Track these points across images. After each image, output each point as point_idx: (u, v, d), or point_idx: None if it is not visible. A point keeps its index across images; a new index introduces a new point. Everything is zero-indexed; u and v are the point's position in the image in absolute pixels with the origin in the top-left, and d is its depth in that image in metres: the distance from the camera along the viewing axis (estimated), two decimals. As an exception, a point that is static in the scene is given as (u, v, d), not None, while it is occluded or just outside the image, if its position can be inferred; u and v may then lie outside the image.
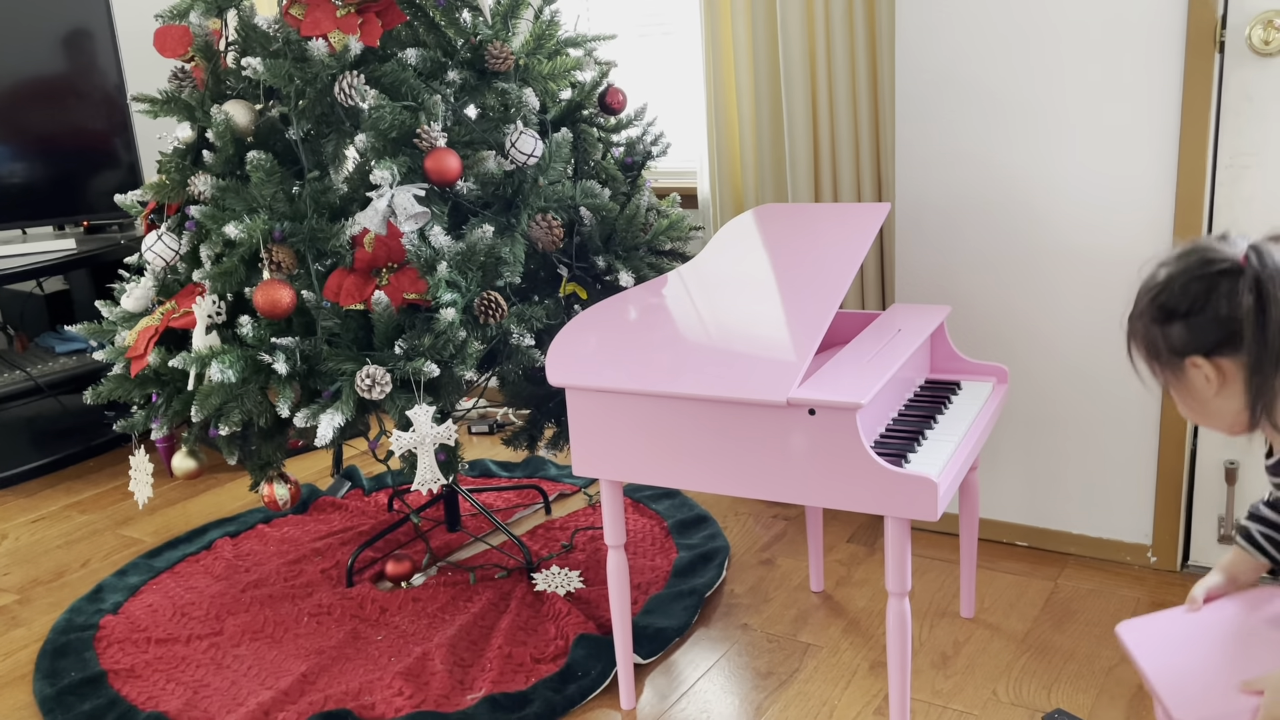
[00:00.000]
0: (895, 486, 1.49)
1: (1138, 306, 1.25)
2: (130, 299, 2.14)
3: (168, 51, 2.06)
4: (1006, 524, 2.42)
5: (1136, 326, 1.25)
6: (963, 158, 2.26)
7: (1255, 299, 1.13)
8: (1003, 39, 2.16)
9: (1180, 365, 1.21)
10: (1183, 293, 1.19)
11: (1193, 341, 1.19)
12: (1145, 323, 1.23)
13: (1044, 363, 2.28)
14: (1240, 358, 1.17)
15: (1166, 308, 1.21)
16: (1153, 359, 1.25)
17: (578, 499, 2.80)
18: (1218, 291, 1.16)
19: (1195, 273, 1.18)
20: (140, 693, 2.01)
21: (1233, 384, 1.19)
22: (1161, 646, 1.31)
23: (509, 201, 2.04)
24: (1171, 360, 1.22)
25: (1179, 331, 1.20)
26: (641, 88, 3.05)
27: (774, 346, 1.66)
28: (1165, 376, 1.24)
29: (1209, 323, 1.17)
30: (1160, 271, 1.23)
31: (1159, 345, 1.22)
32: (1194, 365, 1.20)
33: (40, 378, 3.39)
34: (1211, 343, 1.17)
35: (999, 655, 2.01)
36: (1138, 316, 1.25)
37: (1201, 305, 1.17)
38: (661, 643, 2.07)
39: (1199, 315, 1.17)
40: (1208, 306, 1.17)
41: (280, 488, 2.14)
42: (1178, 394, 1.25)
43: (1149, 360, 1.25)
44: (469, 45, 2.05)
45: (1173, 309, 1.20)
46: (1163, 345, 1.22)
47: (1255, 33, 1.91)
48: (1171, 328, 1.20)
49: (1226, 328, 1.16)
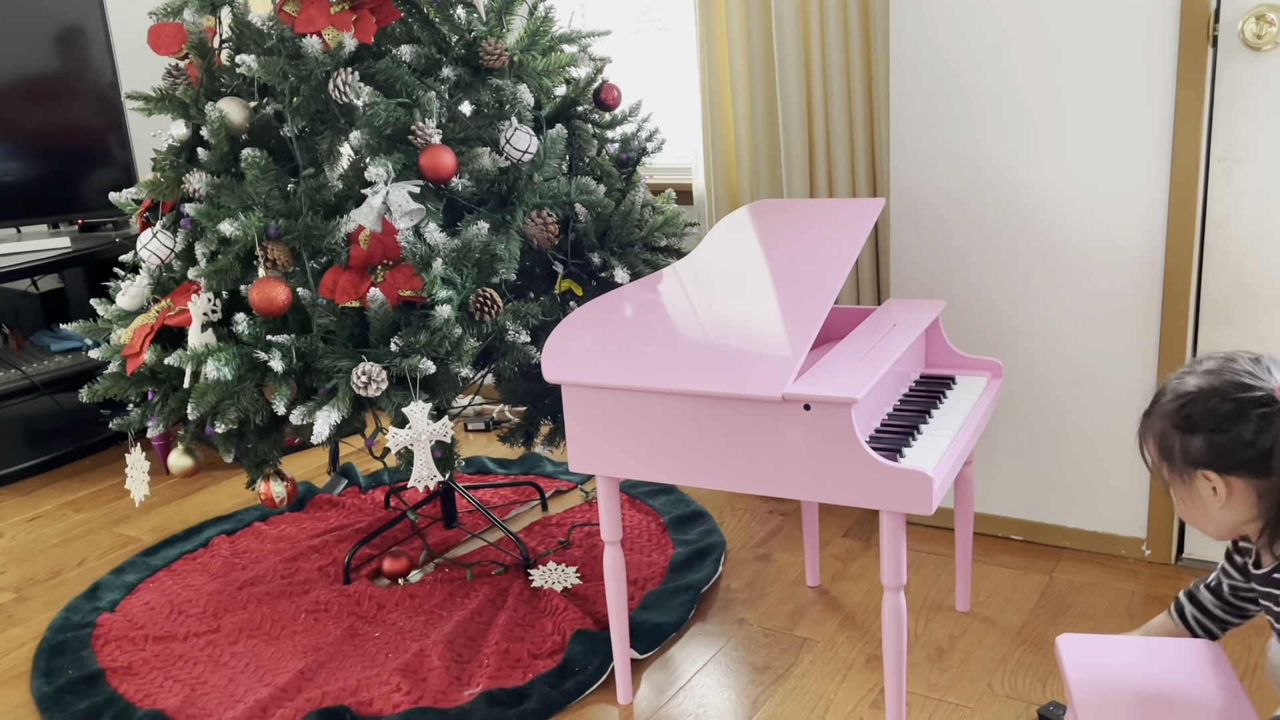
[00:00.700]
0: (890, 481, 1.50)
1: (1159, 406, 1.28)
2: (126, 297, 2.14)
3: (162, 49, 2.06)
4: (1001, 518, 2.43)
5: (1155, 426, 1.28)
6: (957, 153, 2.26)
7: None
8: (996, 34, 2.16)
9: (1191, 474, 1.25)
10: (1210, 411, 1.22)
11: (1210, 457, 1.22)
12: (1165, 425, 1.26)
13: (1038, 357, 2.28)
14: (1254, 481, 1.21)
15: (1191, 420, 1.23)
16: (1164, 460, 1.28)
17: (574, 495, 2.81)
18: (1246, 418, 1.19)
19: (1227, 394, 1.21)
20: (138, 690, 2.01)
21: (1239, 501, 1.23)
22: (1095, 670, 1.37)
23: (504, 198, 2.05)
24: (1184, 468, 1.25)
25: (1199, 445, 1.23)
26: (636, 84, 3.06)
27: (769, 342, 1.66)
28: (1172, 478, 1.28)
29: (1231, 444, 1.20)
30: (1189, 380, 1.26)
31: (1174, 450, 1.25)
32: (1205, 478, 1.24)
33: (35, 376, 3.39)
34: (1228, 463, 1.21)
35: (994, 649, 2.02)
36: (1159, 417, 1.28)
37: (1227, 427, 1.20)
38: (658, 638, 2.08)
39: (1222, 435, 1.21)
40: (1233, 429, 1.20)
41: (277, 485, 2.14)
42: (1179, 496, 1.29)
43: (1160, 459, 1.29)
44: (463, 42, 2.05)
45: (1197, 423, 1.23)
46: (1178, 452, 1.25)
47: (1248, 27, 1.91)
48: (1192, 439, 1.23)
49: (1247, 453, 1.19)
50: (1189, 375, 1.26)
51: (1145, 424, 1.31)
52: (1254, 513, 1.24)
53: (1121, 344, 2.19)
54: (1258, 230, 2.01)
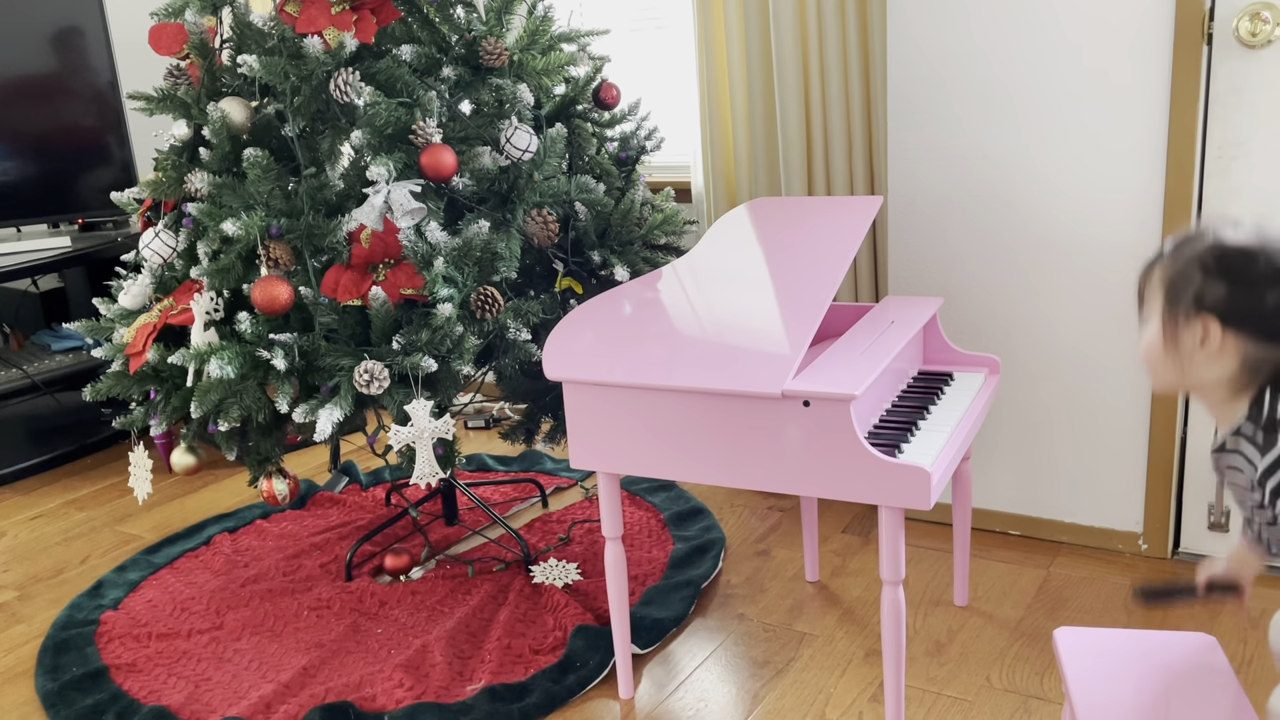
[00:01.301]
0: (889, 476, 1.51)
1: (1192, 247, 1.24)
2: (128, 296, 2.15)
3: (163, 49, 2.07)
4: (999, 513, 2.44)
5: (1176, 262, 1.24)
6: (954, 151, 2.27)
7: None
8: (993, 33, 2.17)
9: (1192, 316, 1.21)
10: (1248, 266, 1.19)
11: (1224, 307, 1.19)
12: (1190, 264, 1.22)
13: (1035, 353, 2.30)
14: (1249, 345, 1.19)
15: (1225, 267, 1.20)
16: (1169, 293, 1.24)
17: (574, 492, 2.82)
18: (1274, 287, 1.18)
19: (1270, 260, 1.19)
20: (142, 687, 2.03)
21: (1222, 359, 1.21)
22: (1092, 664, 1.37)
23: (504, 197, 2.06)
24: (1189, 307, 1.22)
25: (1219, 291, 1.20)
26: (635, 82, 3.07)
27: (769, 339, 1.67)
28: (1164, 314, 1.25)
29: (1251, 304, 1.19)
30: (1233, 233, 1.22)
31: (1188, 287, 1.22)
32: (1204, 324, 1.20)
33: (36, 375, 3.40)
34: (1237, 319, 1.19)
35: (992, 643, 2.03)
36: (1188, 256, 1.23)
37: (1256, 288, 1.18)
38: (659, 633, 2.09)
39: (1246, 292, 1.19)
40: (1259, 291, 1.18)
41: (279, 483, 2.15)
42: (1163, 333, 1.25)
43: (1165, 291, 1.25)
44: (463, 41, 2.06)
45: (1228, 272, 1.20)
46: (1192, 290, 1.21)
47: (1242, 25, 1.93)
48: (1215, 284, 1.20)
49: (1261, 318, 1.18)
50: (1232, 229, 1.23)
51: (1162, 260, 1.27)
52: (1226, 375, 1.22)
53: (1118, 339, 2.20)
54: (1253, 226, 2.03)
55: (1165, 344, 1.25)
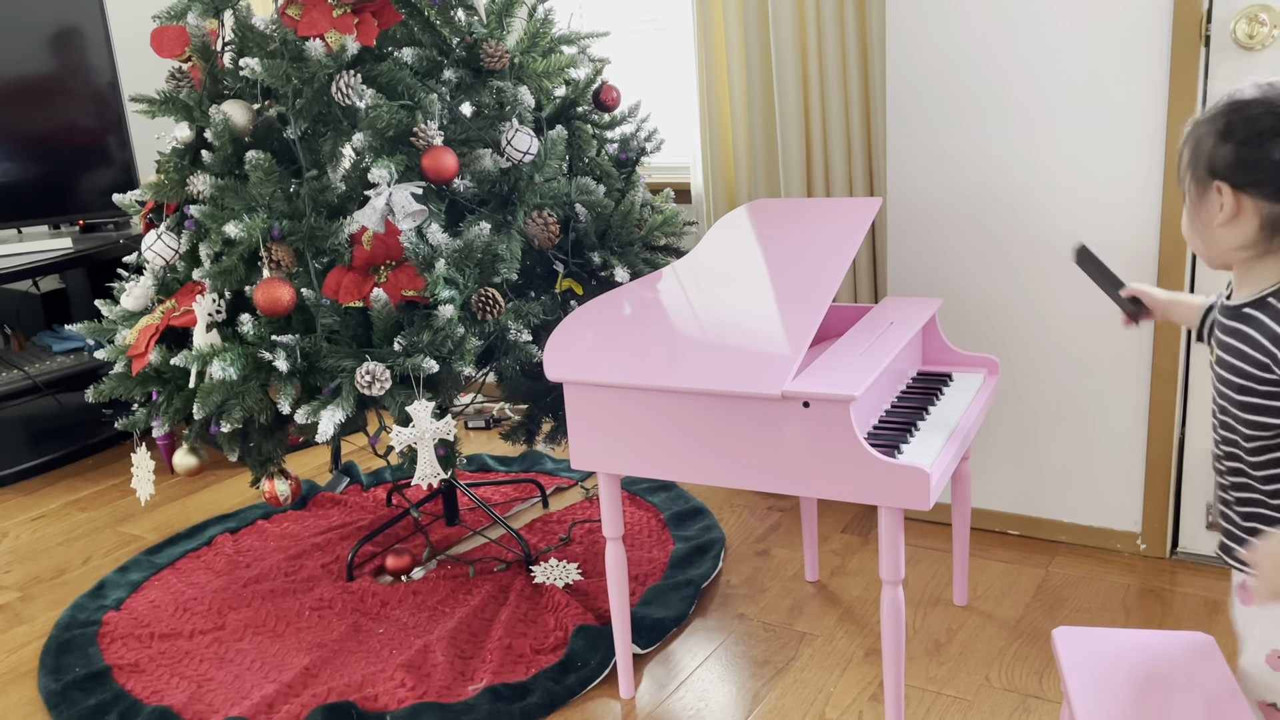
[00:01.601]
0: (888, 477, 1.52)
1: (1211, 113, 1.23)
2: (130, 298, 2.15)
3: (165, 52, 2.08)
4: (998, 513, 2.45)
5: (1199, 131, 1.24)
6: (953, 152, 2.28)
7: None
8: (992, 35, 2.18)
9: (1208, 184, 1.21)
10: (1251, 121, 1.18)
11: (1231, 170, 1.19)
12: (1206, 129, 1.22)
13: (1034, 354, 2.31)
14: (1263, 204, 1.18)
15: (1230, 128, 1.19)
16: (1192, 166, 1.24)
17: (575, 492, 2.83)
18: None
19: (1273, 109, 1.17)
20: (145, 687, 2.03)
21: (1243, 223, 1.20)
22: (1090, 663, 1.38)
23: (505, 199, 2.07)
24: (1204, 176, 1.22)
25: (1226, 154, 1.19)
26: (635, 84, 3.07)
27: (768, 340, 1.68)
28: (1191, 187, 1.24)
29: (1257, 160, 1.17)
30: (1245, 89, 1.21)
31: (1203, 156, 1.22)
32: (1218, 190, 1.20)
33: (38, 377, 3.40)
34: (1245, 179, 1.18)
35: (991, 642, 2.04)
36: (1205, 121, 1.23)
37: (1260, 142, 1.17)
38: (659, 633, 2.10)
39: (1252, 149, 1.17)
40: (1264, 145, 1.17)
41: (281, 484, 2.16)
42: (1191, 207, 1.25)
43: (1190, 165, 1.25)
44: (464, 44, 2.06)
45: (1233, 131, 1.19)
46: (1205, 158, 1.21)
47: (1240, 27, 1.94)
48: (1223, 147, 1.19)
49: (1269, 173, 1.17)
50: (1248, 85, 1.21)
51: (1190, 130, 1.26)
52: (1252, 238, 1.21)
53: (1116, 339, 2.21)
54: None
55: (1195, 220, 1.25)
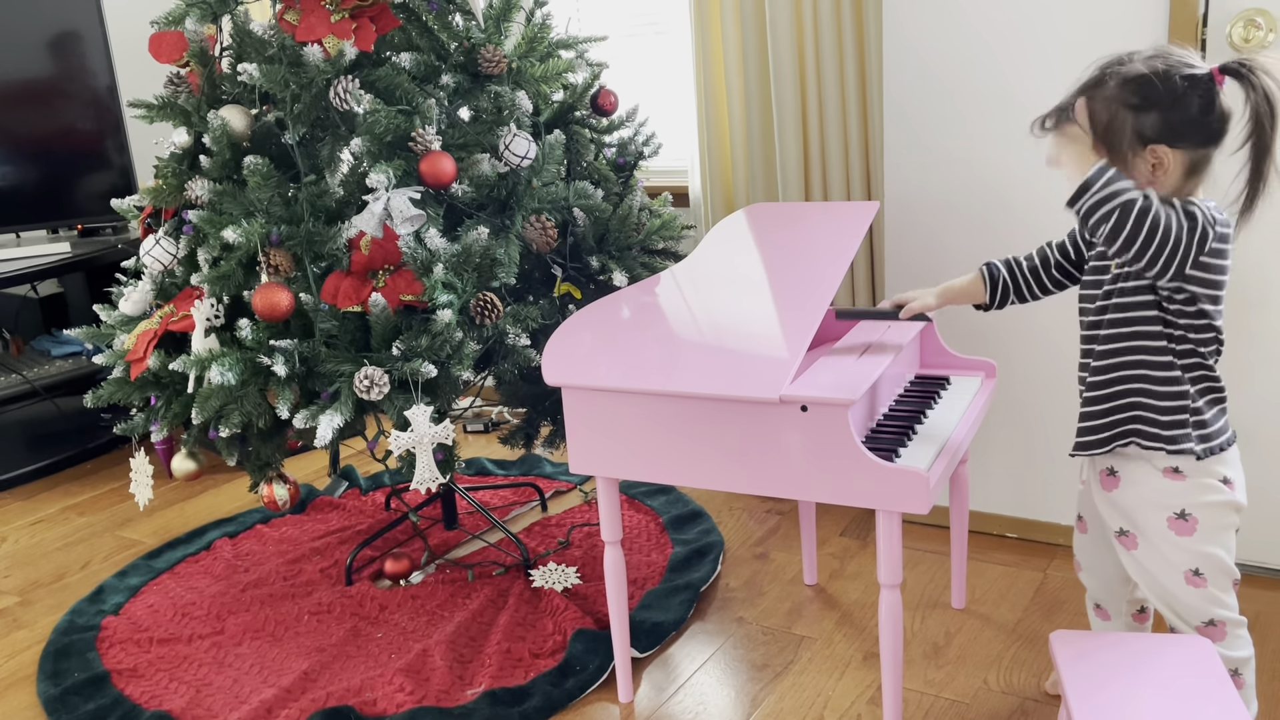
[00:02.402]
0: (886, 481, 1.52)
1: (1104, 89, 1.36)
2: (128, 302, 2.16)
3: (163, 57, 2.08)
4: (996, 516, 2.45)
5: (1098, 108, 1.36)
6: (950, 156, 2.29)
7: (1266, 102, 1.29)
8: (989, 39, 2.19)
9: (1139, 150, 1.35)
10: (1168, 90, 1.32)
11: (1163, 131, 1.33)
12: (1115, 107, 1.35)
13: (1031, 357, 2.31)
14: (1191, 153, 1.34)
15: (1150, 98, 1.33)
16: (1105, 139, 1.36)
17: (573, 496, 2.83)
18: (1192, 95, 1.31)
19: (1179, 73, 1.32)
20: (144, 692, 2.03)
21: (1171, 174, 1.36)
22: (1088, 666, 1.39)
23: (503, 203, 2.07)
24: (1132, 144, 1.35)
25: (1153, 121, 1.33)
26: (633, 87, 3.08)
27: (766, 344, 1.68)
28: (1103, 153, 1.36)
29: (1183, 119, 1.32)
30: (1135, 66, 1.35)
31: (1124, 129, 1.34)
32: (1152, 153, 1.34)
33: (36, 381, 3.41)
34: (1176, 136, 1.33)
35: (990, 645, 2.04)
36: (1105, 101, 1.35)
37: (1181, 104, 1.32)
38: (658, 637, 2.10)
39: (1177, 112, 1.32)
40: (1184, 105, 1.32)
41: (280, 488, 2.16)
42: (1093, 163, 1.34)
43: (1100, 139, 1.37)
44: (462, 49, 2.07)
45: (1155, 101, 1.32)
46: (1129, 129, 1.34)
47: (1236, 31, 1.94)
48: (1146, 116, 1.33)
49: (1195, 126, 1.32)
50: (1130, 64, 1.35)
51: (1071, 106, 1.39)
52: (1176, 185, 1.36)
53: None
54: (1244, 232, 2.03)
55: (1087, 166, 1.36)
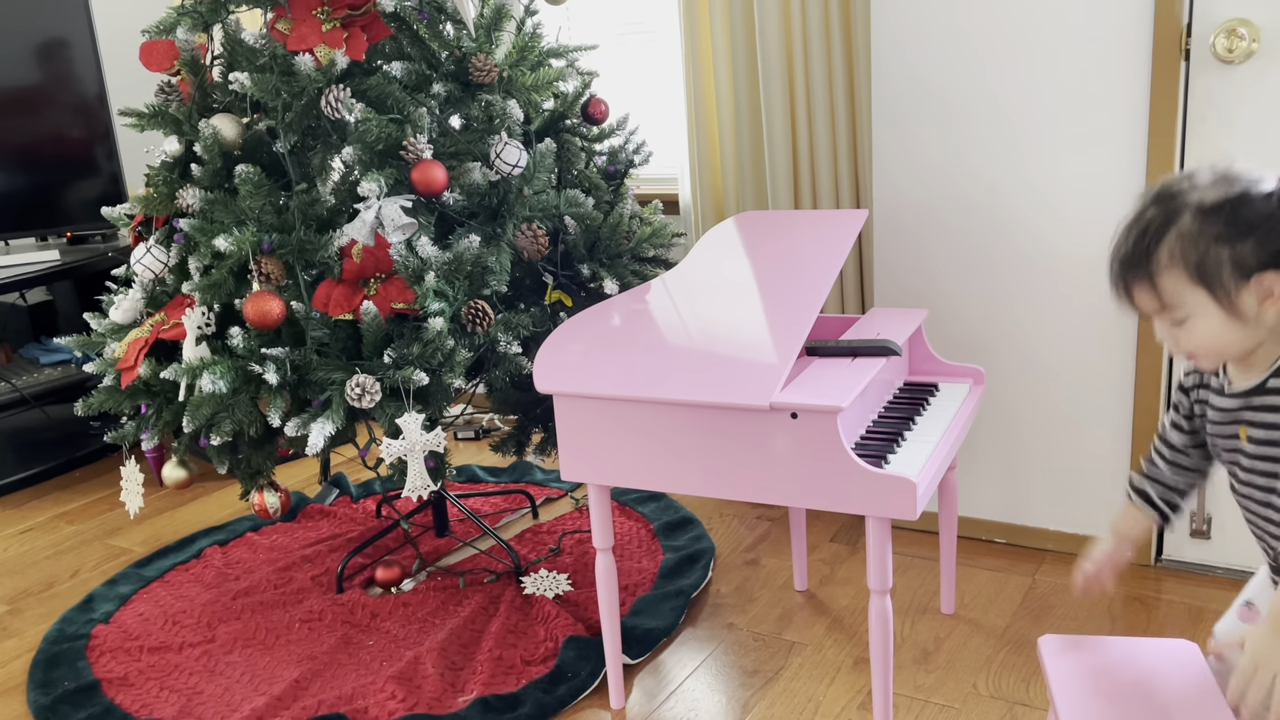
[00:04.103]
0: (875, 487, 1.53)
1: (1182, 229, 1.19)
2: (119, 311, 2.16)
3: (154, 65, 2.08)
4: (985, 521, 2.47)
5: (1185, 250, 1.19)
6: (938, 165, 2.30)
7: None
8: (976, 49, 2.21)
9: (1242, 285, 1.18)
10: (1252, 209, 1.16)
11: (1267, 257, 1.16)
12: (1205, 244, 1.18)
13: (1019, 364, 2.33)
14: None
15: (1237, 222, 1.16)
16: (1203, 281, 1.19)
17: (564, 503, 2.83)
18: None
19: (1261, 193, 1.17)
20: (134, 700, 2.03)
21: None
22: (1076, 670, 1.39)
23: (494, 211, 2.08)
24: (1234, 281, 1.18)
25: (1250, 248, 1.16)
26: (623, 94, 3.09)
27: (757, 351, 1.69)
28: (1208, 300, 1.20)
29: None
30: (1208, 195, 1.19)
31: (1222, 266, 1.17)
32: (1260, 283, 1.17)
33: (25, 389, 3.39)
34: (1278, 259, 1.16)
35: (979, 650, 2.05)
36: (1194, 238, 1.18)
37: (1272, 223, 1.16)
38: (650, 643, 2.10)
39: (1270, 232, 1.16)
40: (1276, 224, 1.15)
41: (271, 496, 2.17)
42: (1221, 317, 1.20)
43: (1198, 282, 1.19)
44: (453, 58, 2.08)
45: (1243, 225, 1.16)
46: (1227, 264, 1.17)
47: (1219, 41, 1.96)
48: (1243, 245, 1.16)
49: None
50: (1194, 194, 1.19)
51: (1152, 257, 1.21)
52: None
53: (1100, 349, 2.23)
54: None
55: (1231, 321, 1.20)
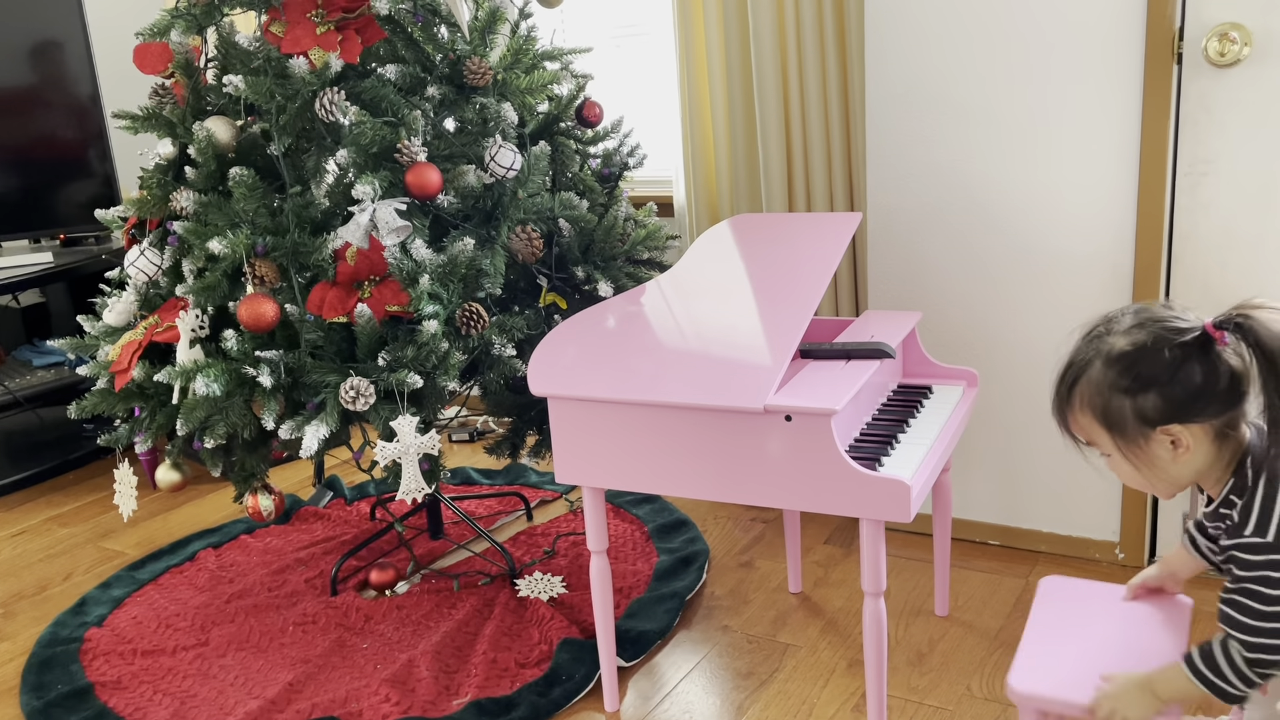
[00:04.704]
0: (869, 489, 1.54)
1: (1092, 376, 1.23)
2: (112, 313, 2.15)
3: (148, 68, 2.08)
4: (979, 523, 2.47)
5: (1092, 398, 1.23)
6: (932, 167, 2.31)
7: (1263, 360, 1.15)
8: (970, 52, 2.21)
9: (1148, 435, 1.21)
10: (1159, 363, 1.18)
11: (1170, 410, 1.19)
12: (1108, 394, 1.22)
13: (1013, 366, 2.33)
14: (1213, 423, 1.19)
15: (1139, 376, 1.20)
16: (1111, 429, 1.24)
17: (559, 505, 2.84)
18: (1191, 361, 1.18)
19: (1169, 342, 1.18)
20: (128, 704, 2.03)
21: (1199, 449, 1.22)
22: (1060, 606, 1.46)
23: (489, 214, 2.08)
24: (1138, 430, 1.21)
25: (1153, 402, 1.19)
26: (617, 96, 3.09)
27: (751, 354, 1.70)
28: (1119, 446, 1.25)
29: (1187, 391, 1.18)
30: (1117, 342, 1.22)
31: (1125, 416, 1.21)
32: (1164, 433, 1.21)
33: (18, 391, 3.38)
34: (1187, 412, 1.19)
35: (973, 652, 2.06)
36: (1096, 388, 1.23)
37: (1179, 376, 1.18)
38: (644, 645, 2.11)
39: (1176, 386, 1.18)
40: (1183, 375, 1.18)
41: (265, 499, 2.16)
42: (1132, 462, 1.25)
43: (1105, 429, 1.24)
44: (447, 61, 2.08)
45: (1150, 380, 1.19)
46: (1130, 415, 1.21)
47: (1211, 45, 1.97)
48: (1145, 398, 1.19)
49: (1203, 395, 1.18)
50: (1110, 338, 1.23)
51: (1071, 399, 1.26)
52: (1212, 453, 1.22)
53: (1093, 352, 2.24)
54: (1223, 241, 2.07)
55: (1142, 470, 1.25)
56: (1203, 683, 1.22)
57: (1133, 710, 1.23)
